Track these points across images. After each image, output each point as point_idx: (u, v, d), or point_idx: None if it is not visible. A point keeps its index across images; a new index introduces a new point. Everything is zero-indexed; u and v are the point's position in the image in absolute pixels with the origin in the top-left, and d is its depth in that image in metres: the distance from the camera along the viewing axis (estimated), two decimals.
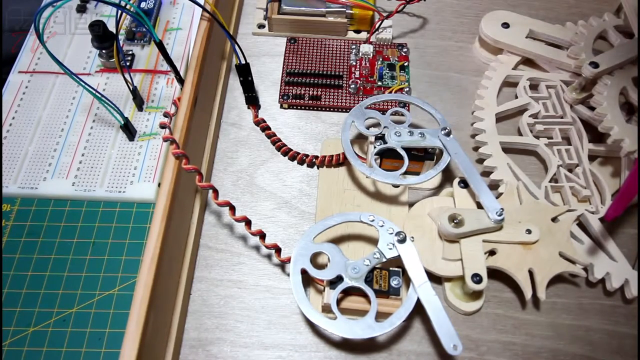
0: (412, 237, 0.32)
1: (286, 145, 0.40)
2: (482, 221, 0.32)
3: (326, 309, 0.31)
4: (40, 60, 0.44)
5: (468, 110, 0.42)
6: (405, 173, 0.34)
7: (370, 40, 0.45)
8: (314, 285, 0.33)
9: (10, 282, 0.34)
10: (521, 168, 0.37)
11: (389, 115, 0.36)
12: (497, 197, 0.35)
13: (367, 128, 0.35)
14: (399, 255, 0.30)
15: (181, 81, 0.38)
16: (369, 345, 0.32)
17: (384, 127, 0.35)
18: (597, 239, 0.35)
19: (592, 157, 0.38)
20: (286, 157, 0.40)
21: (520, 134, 0.40)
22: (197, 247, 0.36)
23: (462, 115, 0.42)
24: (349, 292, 0.31)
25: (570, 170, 0.37)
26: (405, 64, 0.43)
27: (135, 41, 0.45)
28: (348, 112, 0.40)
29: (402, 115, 0.37)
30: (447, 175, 0.39)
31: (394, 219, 0.35)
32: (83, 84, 0.34)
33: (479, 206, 0.33)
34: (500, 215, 0.32)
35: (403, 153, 0.34)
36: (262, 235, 0.32)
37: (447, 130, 0.34)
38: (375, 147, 0.35)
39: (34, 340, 0.32)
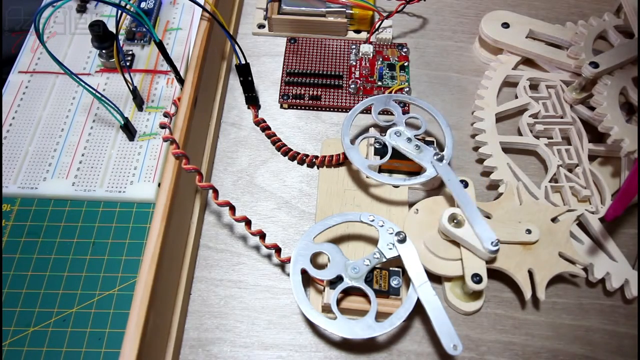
0: None
1: (286, 145, 0.40)
2: (477, 247, 0.31)
3: (326, 309, 0.31)
4: (40, 60, 0.44)
5: (468, 110, 0.42)
6: (405, 172, 0.34)
7: (370, 40, 0.45)
8: (314, 285, 0.33)
9: (10, 282, 0.34)
10: (521, 168, 0.37)
11: (405, 116, 0.35)
12: (497, 197, 0.35)
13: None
14: (399, 255, 0.30)
15: (181, 81, 0.38)
16: (369, 345, 0.32)
17: (393, 123, 0.35)
18: (597, 239, 0.35)
19: (592, 157, 0.38)
20: (286, 157, 0.40)
21: (520, 134, 0.40)
22: (197, 247, 0.36)
23: (462, 115, 0.42)
24: (349, 292, 0.31)
25: (570, 170, 0.37)
26: (405, 64, 0.43)
27: (135, 41, 0.45)
28: (348, 112, 0.40)
29: (420, 122, 0.36)
30: None
31: (394, 219, 0.35)
32: (83, 84, 0.34)
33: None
34: (495, 246, 0.30)
35: (390, 150, 0.34)
36: (262, 235, 0.32)
37: (439, 156, 0.33)
38: (375, 147, 0.35)
39: (34, 340, 0.32)
